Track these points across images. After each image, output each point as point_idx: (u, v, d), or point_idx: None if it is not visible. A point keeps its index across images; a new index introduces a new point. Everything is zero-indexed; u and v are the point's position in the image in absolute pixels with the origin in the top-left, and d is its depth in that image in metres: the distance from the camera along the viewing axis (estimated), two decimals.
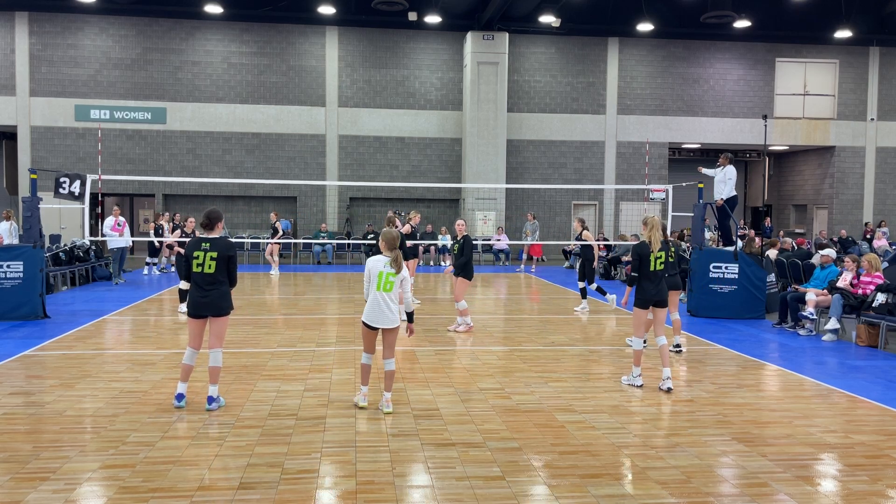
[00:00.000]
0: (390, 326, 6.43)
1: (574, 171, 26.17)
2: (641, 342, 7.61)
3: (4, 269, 11.30)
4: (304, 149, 25.10)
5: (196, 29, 24.38)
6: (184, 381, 6.55)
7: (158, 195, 24.60)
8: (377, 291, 6.42)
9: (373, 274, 6.48)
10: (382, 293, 6.42)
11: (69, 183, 12.98)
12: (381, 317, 6.40)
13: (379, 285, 6.42)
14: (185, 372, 6.52)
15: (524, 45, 25.69)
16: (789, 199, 30.35)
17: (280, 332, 10.53)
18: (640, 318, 7.59)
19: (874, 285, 10.25)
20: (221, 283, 6.39)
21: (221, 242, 6.43)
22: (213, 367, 6.47)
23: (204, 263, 6.32)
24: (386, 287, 6.42)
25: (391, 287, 6.44)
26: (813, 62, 27.10)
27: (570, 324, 11.72)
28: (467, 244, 10.77)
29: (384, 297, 6.42)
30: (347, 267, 22.33)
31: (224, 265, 6.38)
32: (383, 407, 6.46)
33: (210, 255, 6.33)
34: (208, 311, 6.37)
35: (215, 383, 6.50)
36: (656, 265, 7.44)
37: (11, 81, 23.61)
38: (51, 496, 4.57)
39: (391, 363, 6.49)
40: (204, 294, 6.34)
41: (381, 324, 6.40)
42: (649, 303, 7.46)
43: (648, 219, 7.60)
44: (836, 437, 5.97)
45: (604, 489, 4.80)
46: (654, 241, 7.42)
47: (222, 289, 6.39)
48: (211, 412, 6.39)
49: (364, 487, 4.77)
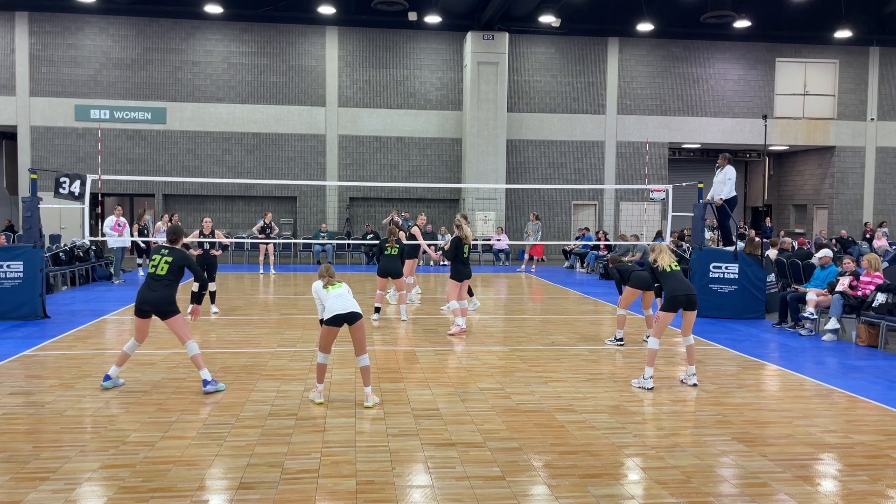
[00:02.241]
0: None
1: (574, 171, 26.17)
2: (658, 342, 7.66)
3: (4, 269, 11.30)
4: (304, 149, 25.10)
5: (196, 29, 24.38)
6: (118, 364, 7.18)
7: (158, 195, 24.60)
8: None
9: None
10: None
11: (69, 183, 12.97)
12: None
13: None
14: (120, 357, 7.22)
15: (524, 45, 25.69)
16: (789, 199, 30.35)
17: (280, 332, 10.53)
18: (667, 321, 7.64)
19: (874, 285, 10.25)
20: (167, 286, 7.02)
21: (178, 253, 7.18)
22: (191, 357, 7.10)
23: (158, 266, 7.06)
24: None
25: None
26: (813, 62, 27.10)
27: (570, 324, 11.72)
28: (454, 245, 10.78)
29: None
30: (347, 267, 22.32)
31: (176, 270, 7.08)
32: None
33: (165, 259, 7.08)
34: (149, 306, 6.98)
35: (200, 368, 7.11)
36: (672, 267, 7.78)
37: (11, 81, 23.61)
38: (51, 496, 4.57)
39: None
40: (149, 291, 7.00)
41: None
42: (679, 301, 7.56)
43: (656, 246, 8.06)
44: (836, 437, 5.97)
45: (604, 489, 4.81)
46: (662, 262, 7.81)
47: (167, 291, 7.01)
48: (208, 394, 6.98)
49: (364, 487, 4.77)
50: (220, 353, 9.07)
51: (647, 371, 7.54)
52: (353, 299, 6.78)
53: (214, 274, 12.35)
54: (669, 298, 7.58)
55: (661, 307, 7.75)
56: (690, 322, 7.74)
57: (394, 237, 11.90)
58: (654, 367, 7.62)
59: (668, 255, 7.86)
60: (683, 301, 7.56)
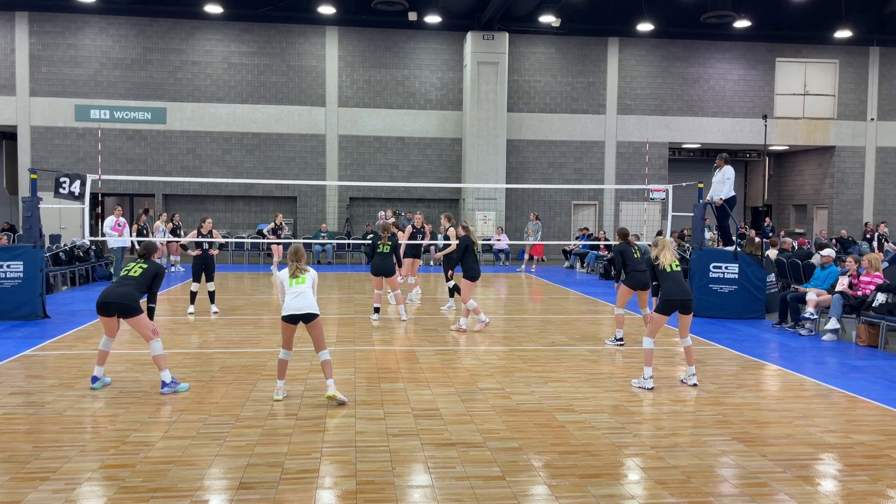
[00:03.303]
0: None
1: (574, 171, 26.17)
2: (653, 341, 7.62)
3: (4, 269, 11.30)
4: (304, 149, 25.10)
5: (196, 29, 24.38)
6: (100, 364, 7.17)
7: (158, 195, 24.60)
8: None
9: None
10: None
11: (69, 183, 12.98)
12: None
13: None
14: (99, 356, 7.18)
15: (524, 45, 25.69)
16: (789, 199, 30.35)
17: (280, 333, 10.50)
18: (661, 322, 7.58)
19: (874, 285, 10.25)
20: (135, 287, 7.04)
21: (154, 264, 7.30)
22: (153, 357, 7.05)
23: (132, 269, 7.18)
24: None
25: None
26: (813, 62, 27.09)
27: (570, 324, 11.72)
28: (464, 246, 10.88)
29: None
30: (347, 267, 22.32)
31: (149, 276, 7.14)
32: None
33: (141, 265, 7.19)
34: (112, 299, 6.90)
35: (161, 369, 7.04)
36: (672, 267, 7.65)
37: (11, 81, 23.61)
38: (51, 496, 4.57)
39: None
40: (115, 288, 7.01)
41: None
42: (674, 305, 7.47)
43: (659, 241, 7.88)
44: (836, 437, 5.97)
45: (604, 489, 4.80)
46: (664, 259, 7.67)
47: (132, 290, 7.00)
48: (164, 395, 6.94)
49: (364, 487, 4.77)
50: (220, 353, 9.07)
51: (645, 371, 7.51)
52: (313, 297, 6.76)
53: (213, 274, 12.34)
54: (664, 301, 7.48)
55: (655, 308, 7.61)
56: (687, 324, 7.68)
57: (387, 234, 11.72)
58: (652, 367, 7.60)
59: (670, 253, 7.70)
60: (678, 305, 7.49)
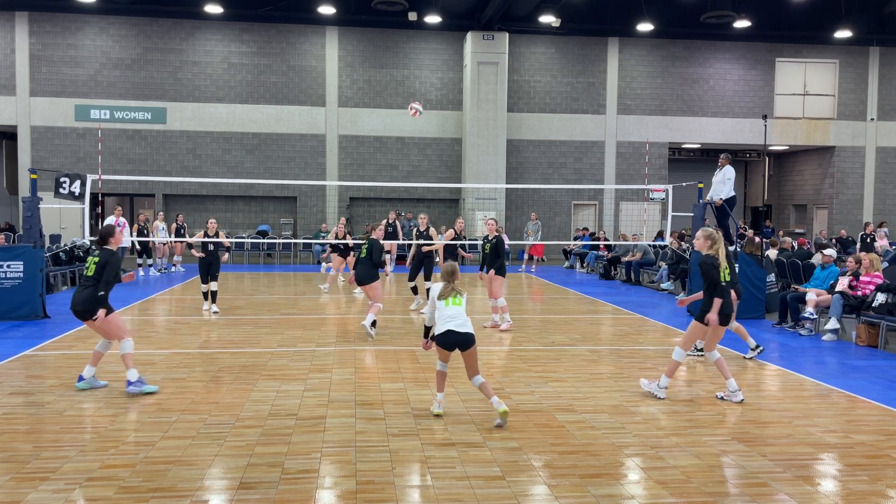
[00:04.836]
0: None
1: (574, 171, 26.17)
2: (685, 354, 7.10)
3: (4, 269, 11.30)
4: (304, 149, 25.10)
5: (196, 29, 24.38)
6: (91, 364, 7.18)
7: (158, 195, 24.61)
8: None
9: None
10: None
11: (69, 183, 12.97)
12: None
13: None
14: (93, 356, 7.24)
15: (524, 45, 25.69)
16: (789, 199, 30.35)
17: (280, 332, 10.53)
18: (699, 333, 7.13)
19: (874, 285, 10.25)
20: (93, 287, 7.00)
21: (105, 253, 7.15)
22: (122, 355, 7.03)
23: (88, 267, 7.14)
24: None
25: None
26: (813, 62, 27.10)
27: (570, 324, 11.72)
28: (500, 245, 10.94)
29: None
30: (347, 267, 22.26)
31: (100, 270, 7.03)
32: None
33: (94, 259, 7.10)
34: (77, 307, 7.00)
35: (128, 367, 6.99)
36: (724, 276, 7.02)
37: (11, 81, 23.62)
38: (51, 496, 4.57)
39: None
40: (77, 293, 7.09)
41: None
42: (728, 319, 6.99)
43: (711, 233, 7.07)
44: (836, 437, 5.97)
45: (604, 489, 4.80)
46: (721, 255, 6.99)
47: (92, 291, 6.97)
48: (133, 395, 6.89)
49: (364, 487, 4.77)
50: (220, 353, 9.07)
51: (662, 380, 7.06)
52: (468, 319, 6.22)
53: (217, 273, 12.38)
54: (726, 315, 6.90)
55: (710, 317, 6.87)
56: (721, 336, 7.17)
57: (366, 237, 10.51)
58: (671, 379, 7.17)
59: (724, 257, 6.95)
60: (728, 320, 7.02)
